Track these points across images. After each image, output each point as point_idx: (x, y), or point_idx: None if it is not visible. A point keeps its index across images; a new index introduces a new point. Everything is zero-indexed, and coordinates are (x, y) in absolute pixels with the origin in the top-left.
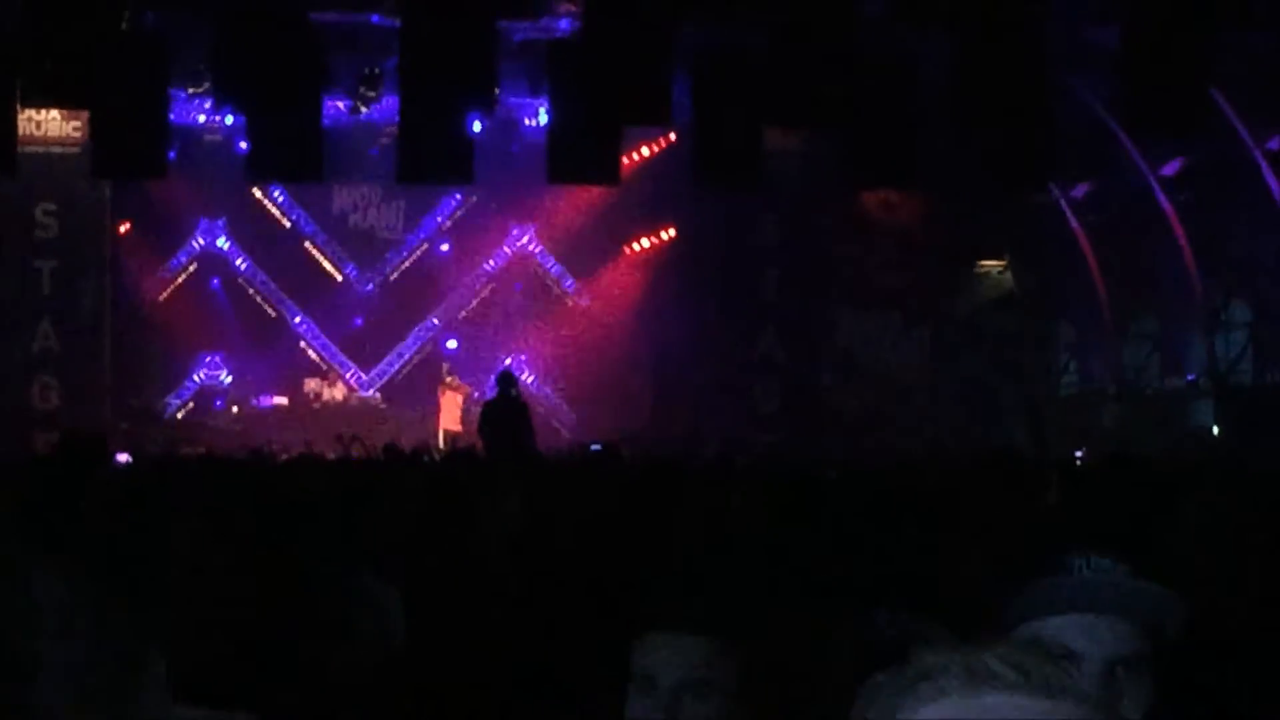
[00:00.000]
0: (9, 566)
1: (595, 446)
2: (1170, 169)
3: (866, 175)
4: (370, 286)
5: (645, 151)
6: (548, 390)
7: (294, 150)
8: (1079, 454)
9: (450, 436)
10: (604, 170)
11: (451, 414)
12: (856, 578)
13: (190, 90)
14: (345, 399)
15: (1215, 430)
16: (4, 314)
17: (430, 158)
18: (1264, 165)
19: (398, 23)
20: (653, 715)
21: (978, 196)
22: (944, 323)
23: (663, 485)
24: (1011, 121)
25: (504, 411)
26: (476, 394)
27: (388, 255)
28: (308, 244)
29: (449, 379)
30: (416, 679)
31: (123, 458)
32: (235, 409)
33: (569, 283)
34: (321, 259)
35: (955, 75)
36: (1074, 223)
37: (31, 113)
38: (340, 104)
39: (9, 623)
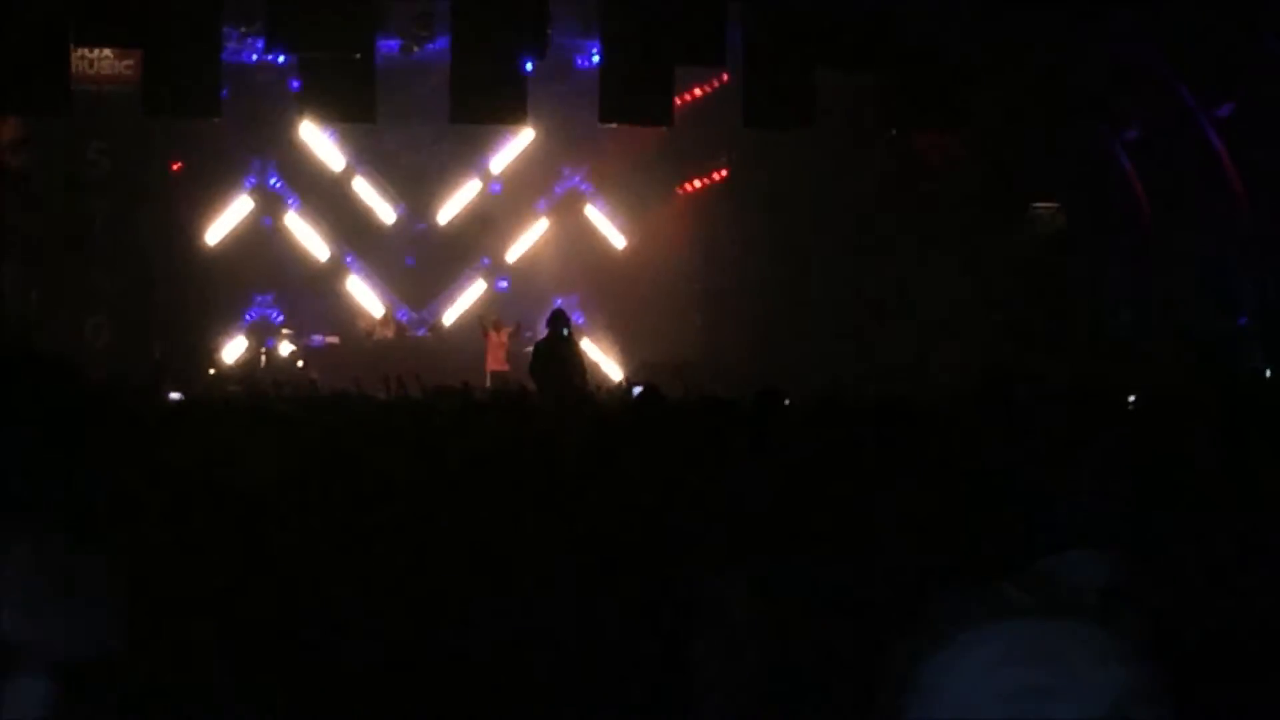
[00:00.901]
0: None
1: (637, 388)
2: (1224, 110)
3: (916, 115)
4: (421, 226)
5: (698, 92)
6: (599, 331)
7: (346, 91)
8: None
9: (497, 376)
10: (656, 111)
11: (496, 355)
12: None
13: (243, 30)
14: (397, 338)
15: (1268, 373)
16: (56, 252)
17: (483, 98)
18: None
19: None
20: None
21: (1029, 136)
22: (995, 262)
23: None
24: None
25: (555, 351)
26: (529, 333)
27: (439, 195)
28: (359, 183)
29: (494, 319)
30: None
31: (174, 396)
32: (287, 348)
33: (620, 223)
34: (373, 198)
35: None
36: (1126, 163)
37: (84, 51)
38: (392, 44)
39: None
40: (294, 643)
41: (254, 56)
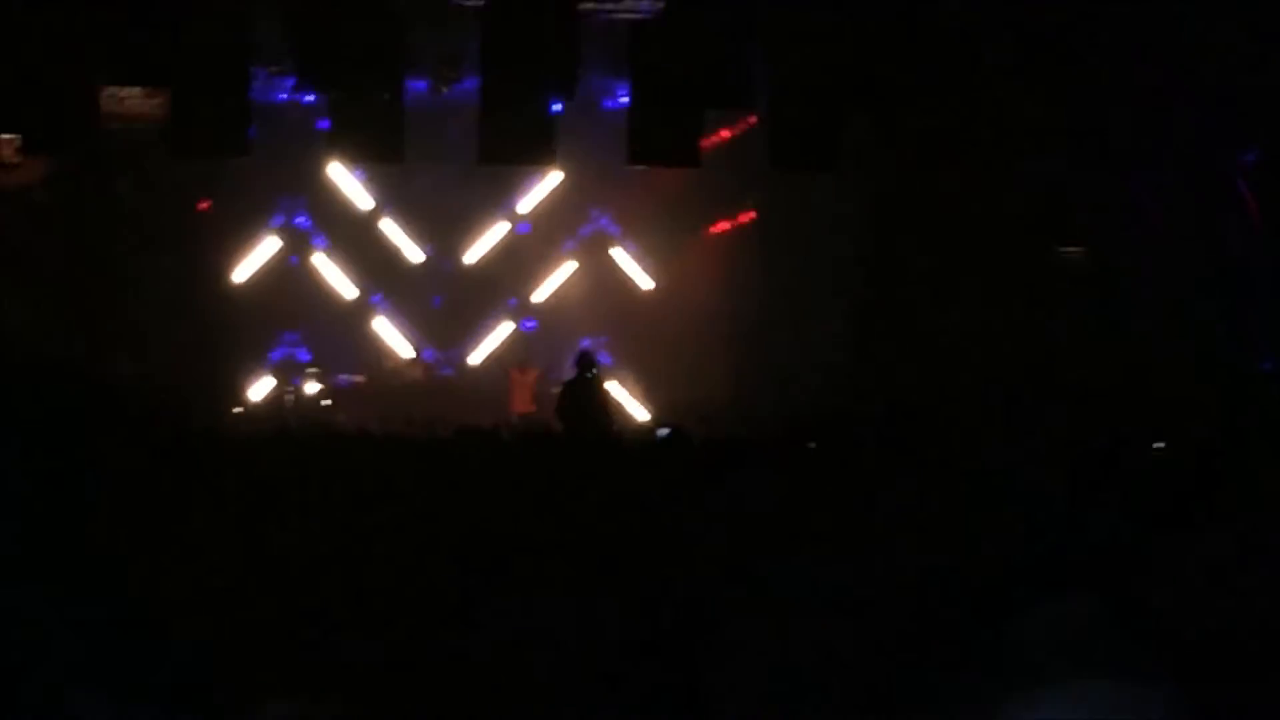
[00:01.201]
0: None
1: (663, 431)
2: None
3: (939, 157)
4: (449, 266)
5: (725, 134)
6: (626, 372)
7: (375, 131)
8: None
9: (524, 417)
10: (684, 152)
11: (523, 395)
12: None
13: (271, 69)
14: (423, 378)
15: None
16: (83, 290)
17: (511, 139)
18: None
19: (480, 3)
20: None
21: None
22: (1027, 304)
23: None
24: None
25: (582, 392)
26: (553, 374)
27: (467, 236)
28: (387, 223)
29: (520, 359)
30: None
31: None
32: (314, 388)
33: (648, 264)
34: (400, 238)
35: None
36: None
37: (114, 89)
38: (421, 84)
39: None
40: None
41: (283, 96)
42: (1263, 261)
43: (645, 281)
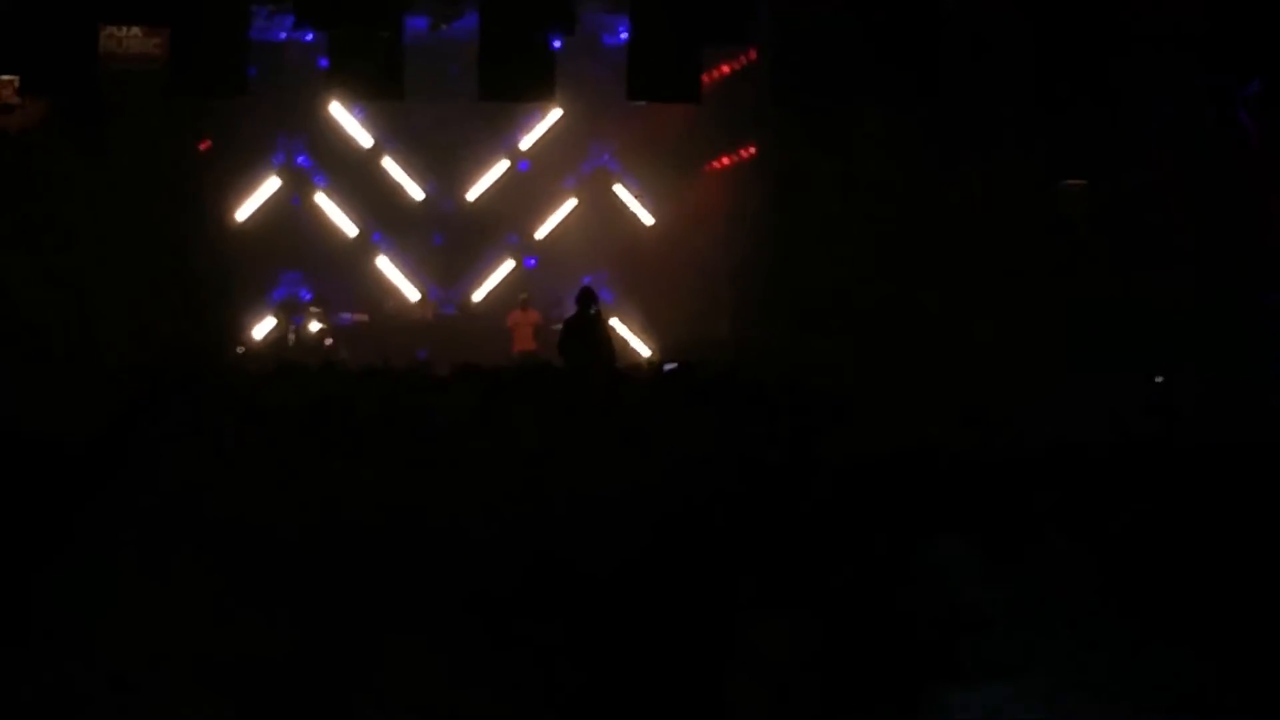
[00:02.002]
0: None
1: (669, 366)
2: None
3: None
4: (450, 204)
5: (726, 69)
6: (628, 309)
7: (375, 68)
8: None
9: (525, 355)
10: (684, 88)
11: (524, 334)
12: None
13: (271, 7)
14: (425, 317)
15: None
16: (83, 229)
17: (511, 75)
18: None
19: None
20: None
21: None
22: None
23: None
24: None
25: (584, 329)
26: (554, 312)
27: (468, 173)
28: (387, 161)
29: (521, 297)
30: None
31: None
32: (315, 326)
33: (649, 200)
34: (401, 176)
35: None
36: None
37: (113, 29)
38: (421, 21)
39: None
40: None
41: (282, 34)
42: (1264, 192)
43: (646, 218)
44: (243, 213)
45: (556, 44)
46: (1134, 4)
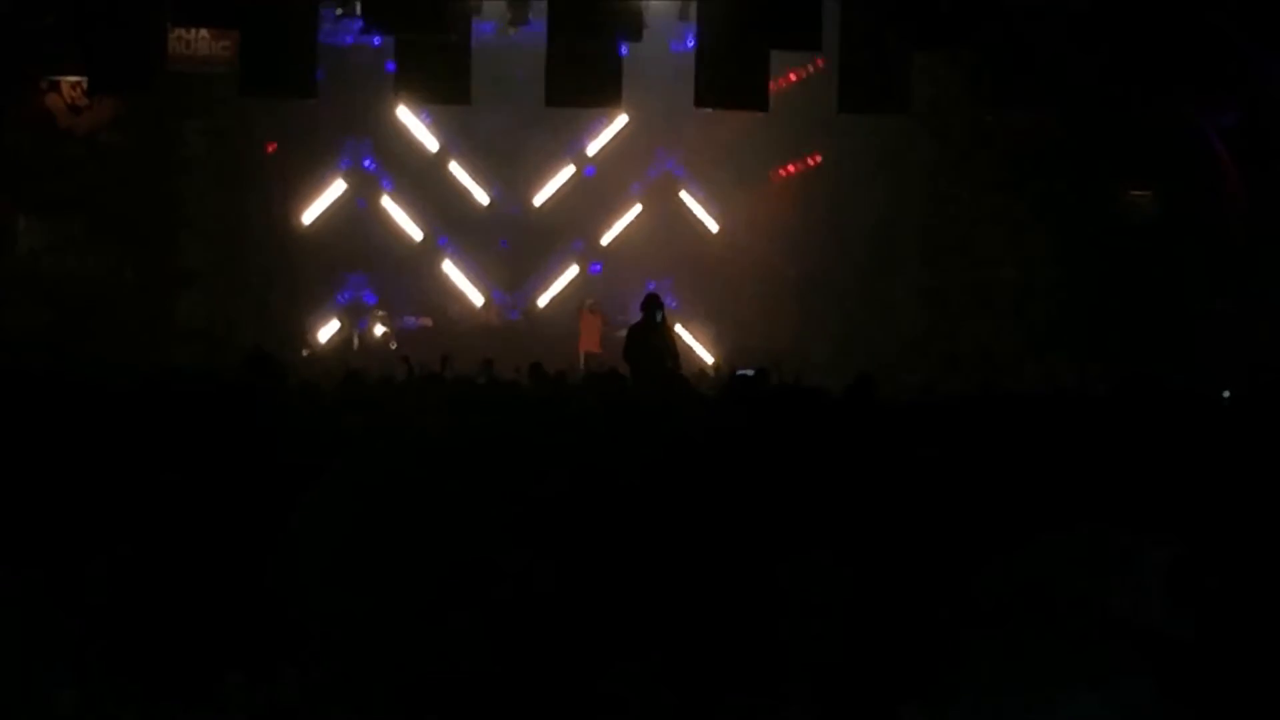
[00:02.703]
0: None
1: (744, 372)
2: None
3: (1002, 98)
4: (515, 209)
5: (793, 77)
6: (692, 316)
7: (441, 72)
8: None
9: (591, 359)
10: (752, 95)
11: (591, 336)
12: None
13: (339, 11)
14: (489, 321)
15: None
16: (151, 231)
17: (578, 81)
18: None
19: None
20: None
21: (1120, 121)
22: (1087, 248)
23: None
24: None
25: (649, 335)
26: (621, 317)
27: (534, 178)
28: (453, 165)
29: (589, 302)
30: None
31: None
32: (380, 329)
33: (714, 208)
34: (467, 180)
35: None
36: (1219, 148)
37: (181, 31)
38: (488, 26)
39: None
40: None
41: (350, 38)
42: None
43: (711, 225)
44: (309, 215)
45: (624, 50)
46: None
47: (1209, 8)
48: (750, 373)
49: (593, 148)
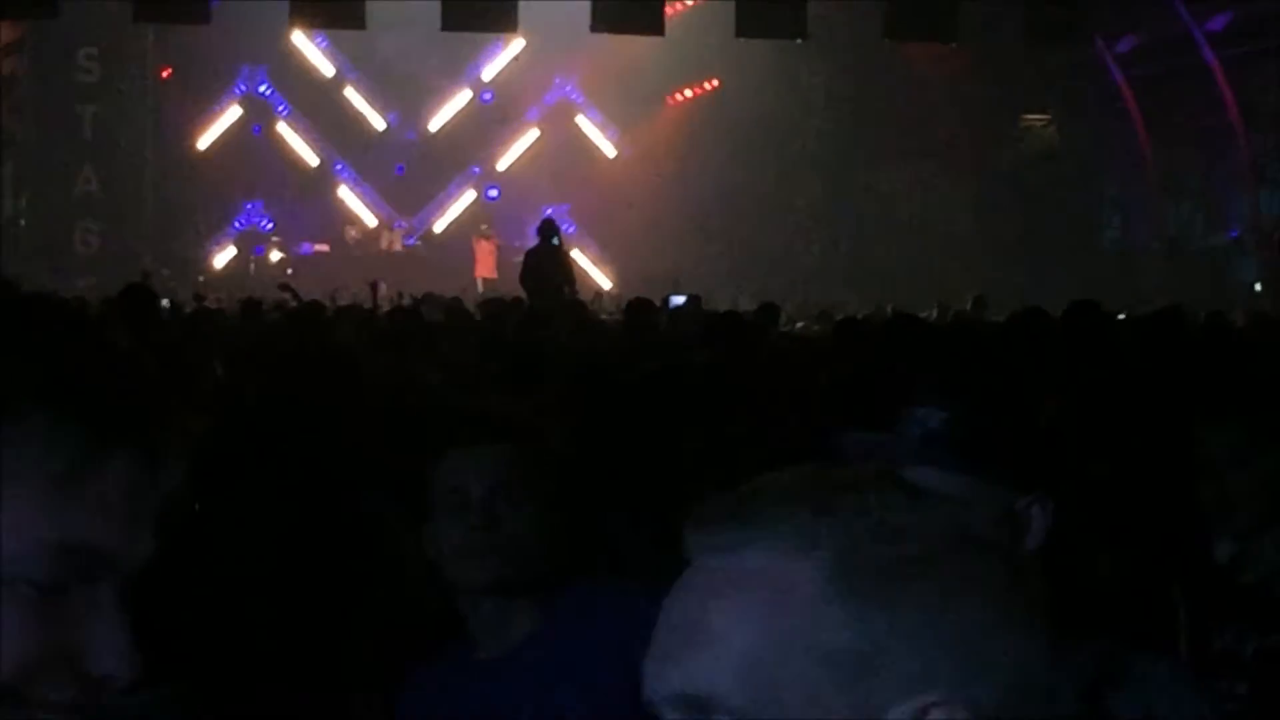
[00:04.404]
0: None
1: (677, 299)
2: (1217, 24)
3: (907, 27)
4: (412, 134)
5: (689, 1)
6: (589, 240)
7: None
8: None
9: (487, 284)
10: (648, 19)
11: (486, 262)
12: None
13: None
14: (386, 247)
15: (1257, 287)
16: (45, 158)
17: (474, 5)
18: None
19: None
20: (467, 530)
21: (1021, 49)
22: (987, 175)
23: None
24: None
25: (546, 260)
26: (517, 242)
27: (430, 103)
28: (350, 90)
29: (482, 227)
30: None
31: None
32: (276, 256)
33: (611, 133)
34: (363, 106)
35: None
36: (1118, 76)
37: None
38: None
39: None
40: None
41: None
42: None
43: (609, 150)
44: (204, 141)
45: None
46: None
47: None
48: (682, 300)
49: (489, 72)
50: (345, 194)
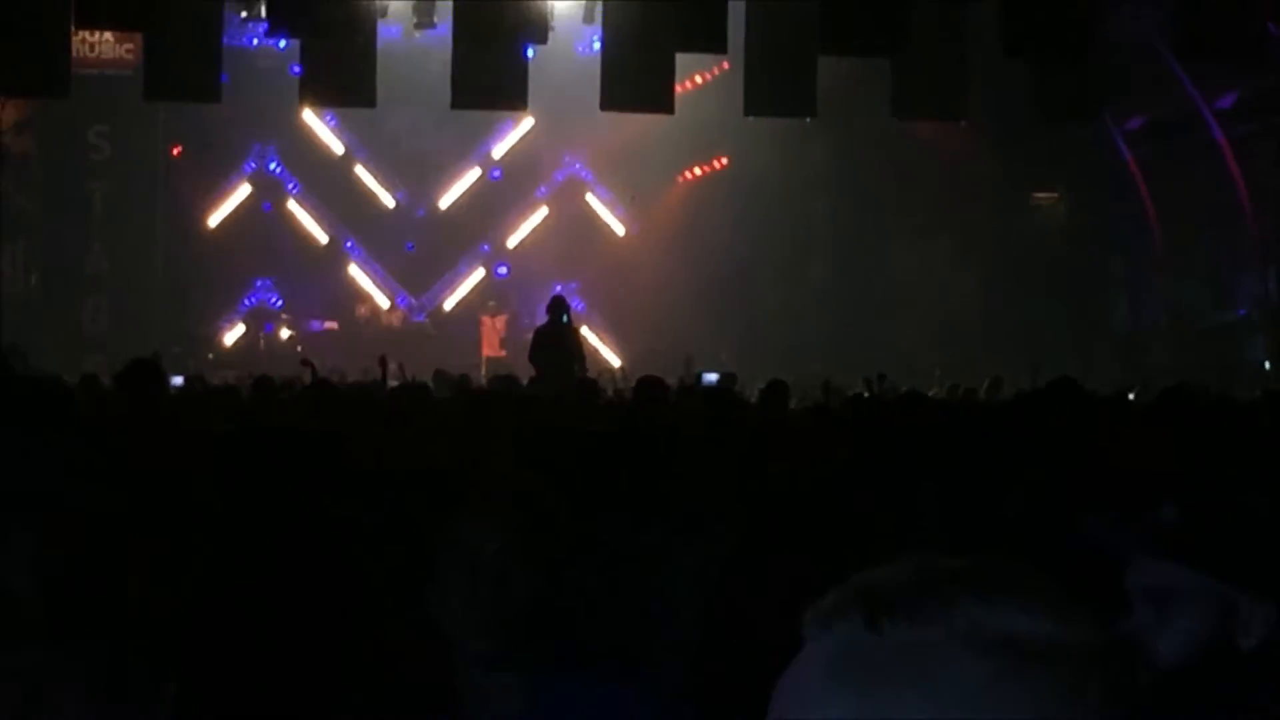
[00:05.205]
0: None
1: (710, 376)
2: (1226, 102)
3: (916, 106)
4: (422, 212)
5: (699, 79)
6: (598, 318)
7: (347, 75)
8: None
9: (494, 363)
10: (657, 98)
11: (492, 341)
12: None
13: (244, 14)
14: (395, 324)
15: (1266, 365)
16: (56, 236)
17: (484, 84)
18: None
19: None
20: (475, 590)
21: (1029, 128)
22: (996, 254)
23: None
24: (1061, 52)
25: (556, 338)
26: (525, 321)
27: (440, 181)
28: (359, 168)
29: (490, 304)
30: None
31: (176, 381)
32: (286, 333)
33: (620, 210)
34: (373, 184)
35: (1008, 4)
36: (1126, 154)
37: (85, 34)
38: (394, 29)
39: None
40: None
41: (255, 41)
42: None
43: (618, 227)
44: (215, 219)
45: (529, 53)
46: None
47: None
48: (715, 378)
49: (499, 150)
50: (355, 271)
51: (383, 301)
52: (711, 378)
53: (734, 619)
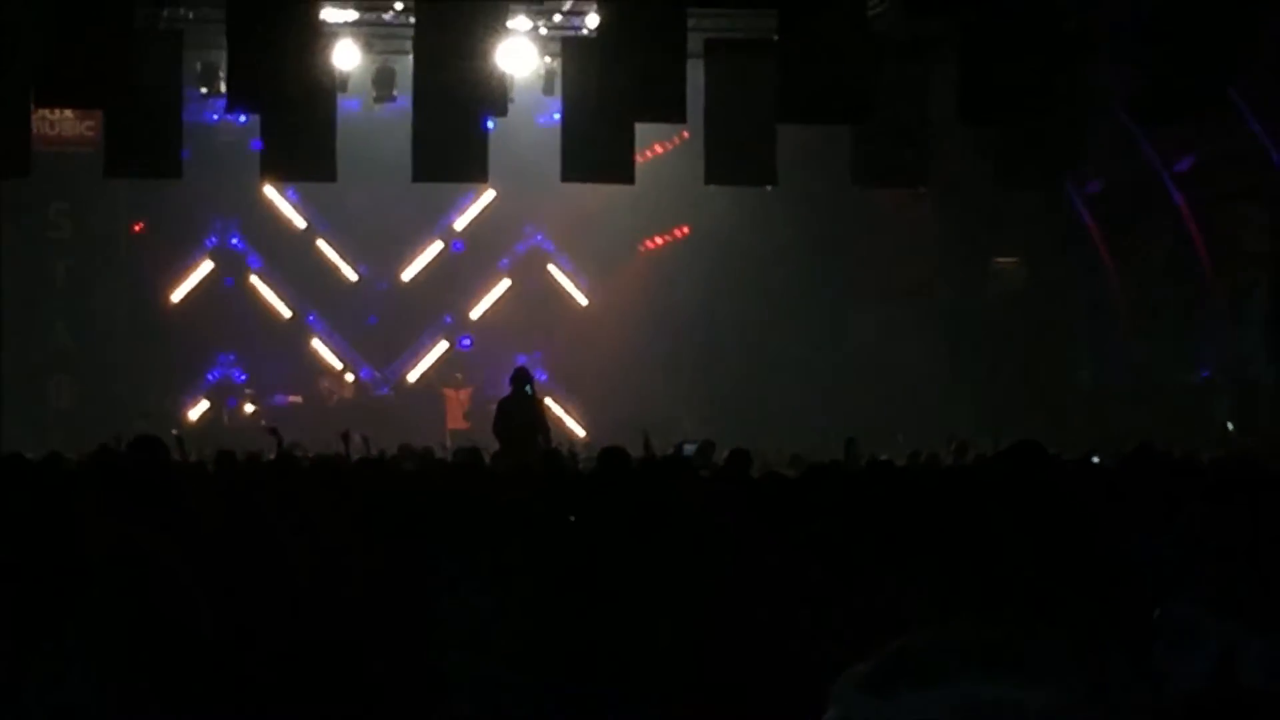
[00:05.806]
0: None
1: (689, 446)
2: (1184, 165)
3: (876, 174)
4: (384, 285)
5: (659, 149)
6: (561, 388)
7: (307, 149)
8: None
9: (457, 435)
10: (618, 169)
11: (455, 413)
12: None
13: (204, 90)
14: (358, 397)
15: (1230, 426)
16: (18, 314)
17: (444, 157)
18: None
19: (411, 21)
20: None
21: (992, 193)
22: (958, 319)
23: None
24: (1025, 118)
25: (519, 409)
26: (489, 392)
27: (402, 254)
28: (321, 242)
29: (457, 376)
30: None
31: None
32: (250, 408)
33: (582, 281)
34: (335, 257)
35: (966, 71)
36: (1087, 218)
37: (45, 112)
38: (354, 103)
39: None
40: None
41: (215, 116)
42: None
43: (580, 298)
44: (177, 294)
45: (489, 125)
46: None
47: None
48: (694, 446)
49: (460, 222)
50: (318, 345)
51: (346, 374)
52: (690, 448)
53: None
